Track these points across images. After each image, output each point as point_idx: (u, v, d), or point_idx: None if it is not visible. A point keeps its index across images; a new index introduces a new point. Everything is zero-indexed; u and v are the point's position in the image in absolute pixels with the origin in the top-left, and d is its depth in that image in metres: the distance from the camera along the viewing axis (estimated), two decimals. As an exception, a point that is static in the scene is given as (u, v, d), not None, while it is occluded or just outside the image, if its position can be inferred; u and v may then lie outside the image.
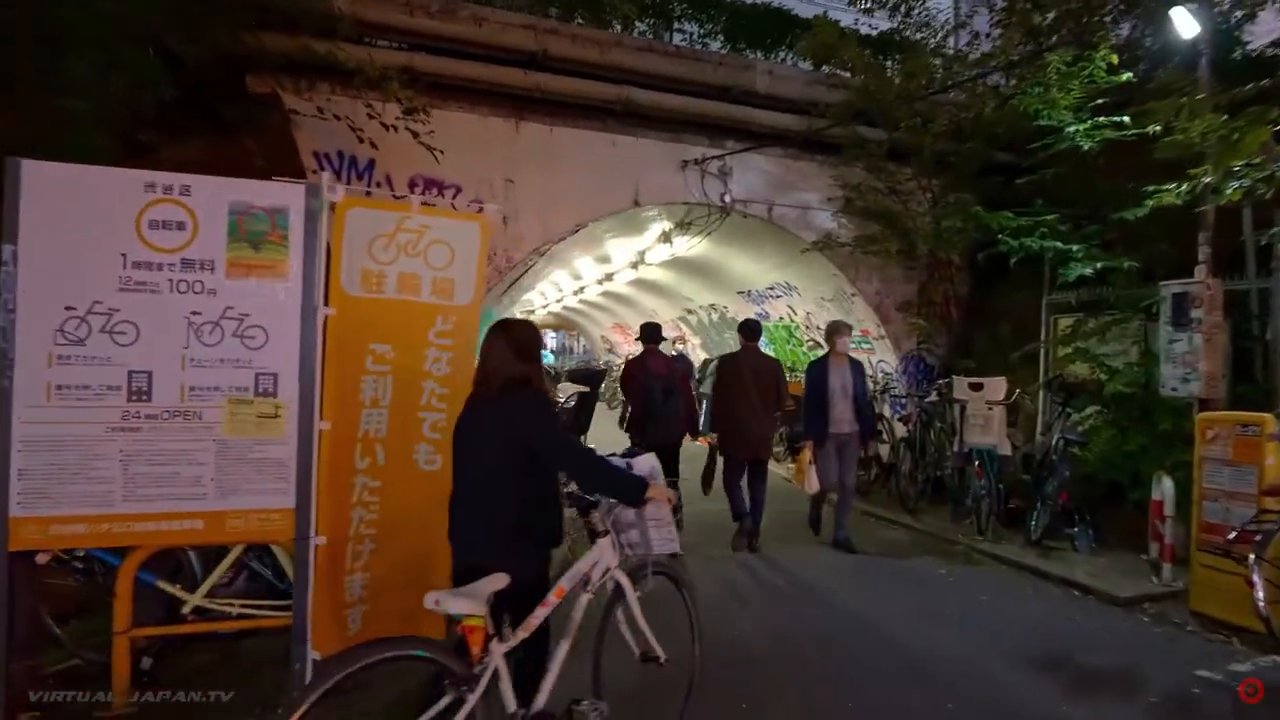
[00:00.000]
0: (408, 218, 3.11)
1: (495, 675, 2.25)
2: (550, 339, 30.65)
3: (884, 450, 9.01)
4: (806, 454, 6.13)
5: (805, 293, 10.35)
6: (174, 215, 2.83)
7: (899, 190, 8.59)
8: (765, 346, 13.30)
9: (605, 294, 18.79)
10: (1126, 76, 6.50)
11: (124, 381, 2.76)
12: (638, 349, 6.42)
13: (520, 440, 2.48)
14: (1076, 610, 4.81)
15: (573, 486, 2.78)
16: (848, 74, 8.44)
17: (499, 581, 2.27)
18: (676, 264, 12.17)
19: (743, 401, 5.80)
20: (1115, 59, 6.42)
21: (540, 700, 2.42)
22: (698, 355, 16.87)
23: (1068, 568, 5.37)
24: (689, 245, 9.94)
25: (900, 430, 8.54)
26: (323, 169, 6.78)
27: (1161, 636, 4.37)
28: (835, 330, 6.32)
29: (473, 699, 2.16)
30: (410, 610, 2.61)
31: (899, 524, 7.02)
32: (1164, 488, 5.04)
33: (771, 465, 6.70)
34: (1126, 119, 6.11)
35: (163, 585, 3.29)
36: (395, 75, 5.96)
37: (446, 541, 2.62)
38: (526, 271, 8.44)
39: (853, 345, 10.04)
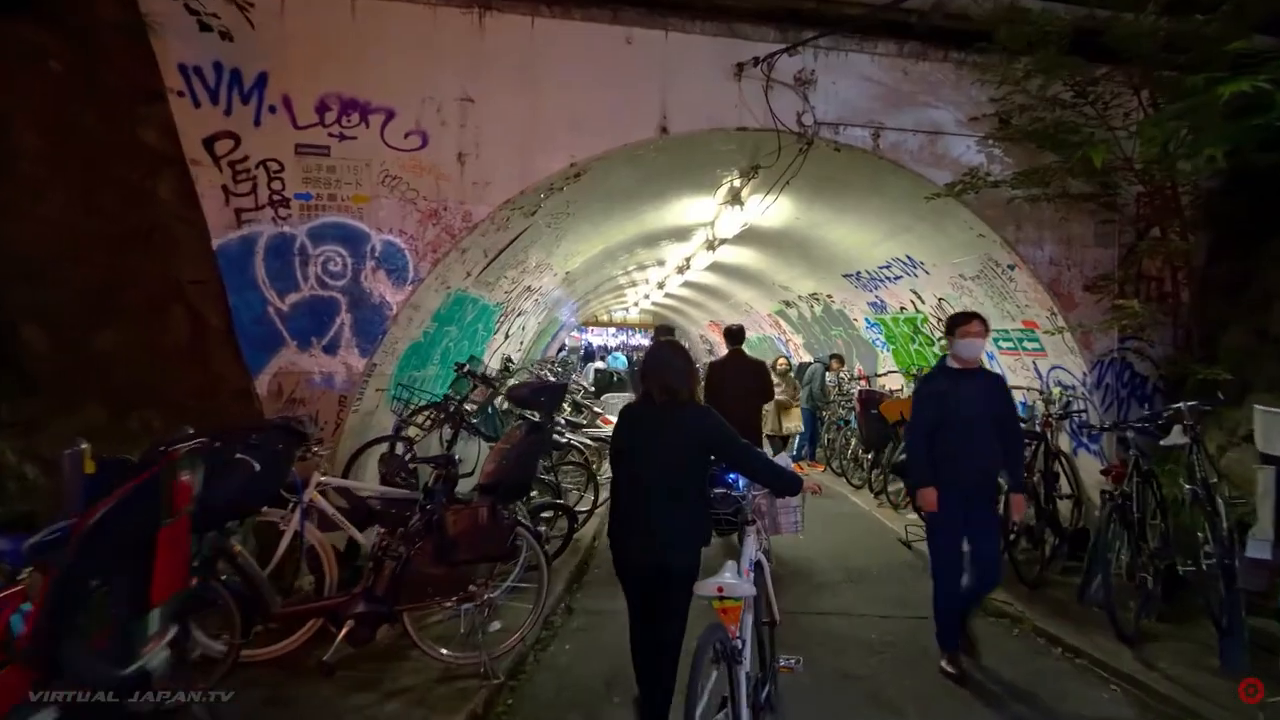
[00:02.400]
0: None
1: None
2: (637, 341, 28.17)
3: (1064, 509, 5.83)
4: None
5: (937, 269, 7.23)
6: None
7: (1090, 97, 5.39)
8: (883, 348, 10.21)
9: (692, 286, 16.15)
10: None
11: None
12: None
13: (706, 447, 2.83)
14: None
15: None
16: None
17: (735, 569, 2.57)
18: (759, 240, 9.36)
19: (732, 398, 5.96)
20: None
21: (748, 664, 2.56)
22: (797, 358, 13.89)
23: None
24: (763, 206, 7.14)
25: (1092, 483, 5.34)
26: (192, 88, 4.69)
27: None
28: None
29: (744, 666, 2.46)
30: None
31: (1107, 671, 3.84)
32: None
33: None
34: None
35: None
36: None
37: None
38: (516, 240, 5.99)
39: (1007, 344, 6.87)
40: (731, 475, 3.15)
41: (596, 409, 8.19)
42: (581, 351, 23.10)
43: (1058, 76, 5.27)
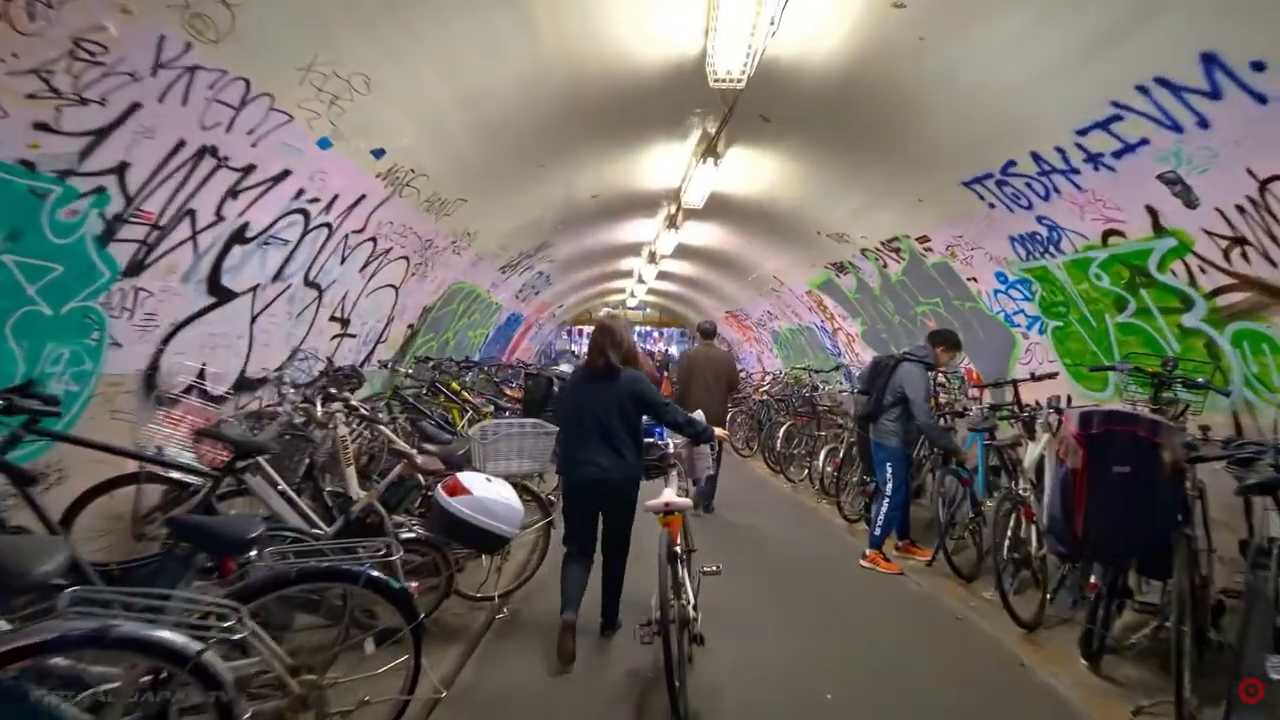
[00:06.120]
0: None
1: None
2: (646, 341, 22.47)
3: None
4: None
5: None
6: None
7: None
8: (1031, 328, 5.47)
9: (695, 257, 11.67)
10: None
11: None
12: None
13: (637, 401, 3.56)
14: None
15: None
16: None
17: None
18: (798, 117, 4.86)
19: (700, 389, 6.54)
20: None
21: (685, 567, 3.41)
22: (851, 356, 9.33)
23: None
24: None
25: None
26: None
27: None
28: None
29: (687, 566, 3.31)
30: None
31: None
32: None
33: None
34: None
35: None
36: None
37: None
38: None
39: None
40: (657, 429, 3.90)
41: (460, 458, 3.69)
42: (570, 354, 18.68)
43: None
